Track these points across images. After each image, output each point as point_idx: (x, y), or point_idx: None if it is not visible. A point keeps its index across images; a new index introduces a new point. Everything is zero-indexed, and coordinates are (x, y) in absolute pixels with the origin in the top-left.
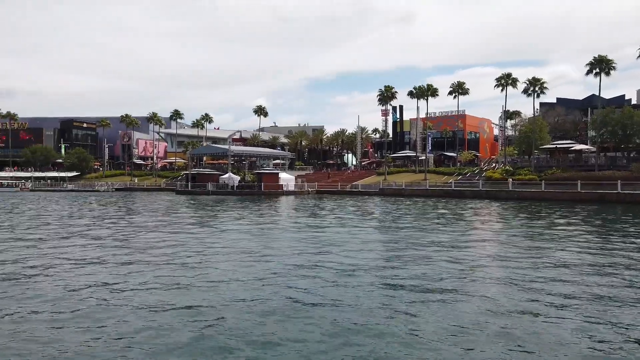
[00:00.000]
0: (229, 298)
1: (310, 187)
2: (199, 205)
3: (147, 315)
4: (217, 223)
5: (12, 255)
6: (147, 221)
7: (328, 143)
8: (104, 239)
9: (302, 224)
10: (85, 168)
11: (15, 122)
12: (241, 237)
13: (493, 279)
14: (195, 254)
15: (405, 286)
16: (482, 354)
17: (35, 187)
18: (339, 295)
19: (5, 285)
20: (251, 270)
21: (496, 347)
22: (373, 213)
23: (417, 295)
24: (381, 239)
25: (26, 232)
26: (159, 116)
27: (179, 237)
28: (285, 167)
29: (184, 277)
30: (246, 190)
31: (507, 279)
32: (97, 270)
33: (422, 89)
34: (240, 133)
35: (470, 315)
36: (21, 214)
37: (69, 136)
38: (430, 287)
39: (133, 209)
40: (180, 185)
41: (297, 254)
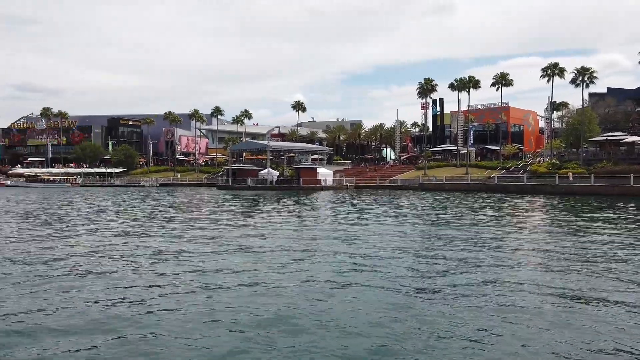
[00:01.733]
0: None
1: (349, 182)
2: (245, 200)
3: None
4: (270, 216)
5: (121, 247)
6: (217, 217)
7: (366, 137)
8: (166, 235)
9: (344, 218)
10: (131, 164)
11: (66, 121)
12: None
13: (546, 286)
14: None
15: (444, 290)
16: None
17: (85, 182)
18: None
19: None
20: (296, 268)
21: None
22: (414, 208)
23: (459, 300)
24: (423, 235)
25: (125, 225)
26: (200, 113)
27: (234, 232)
28: (324, 162)
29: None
30: (285, 185)
31: (557, 282)
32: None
33: (464, 81)
34: (279, 128)
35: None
36: (106, 210)
37: (115, 133)
38: (476, 292)
39: (192, 205)
40: (221, 181)
41: (339, 248)
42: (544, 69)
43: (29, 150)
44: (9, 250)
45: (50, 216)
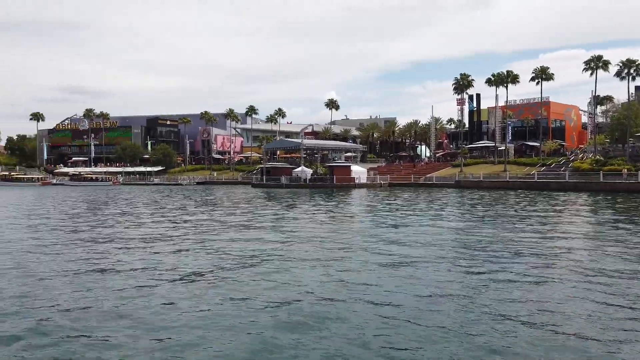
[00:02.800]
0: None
1: (383, 180)
2: (279, 198)
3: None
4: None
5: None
6: (253, 215)
7: (400, 135)
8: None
9: (379, 217)
10: (169, 163)
11: (108, 121)
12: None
13: (588, 289)
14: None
15: (486, 292)
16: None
17: (126, 181)
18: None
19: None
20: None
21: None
22: (451, 206)
23: (501, 305)
24: (462, 234)
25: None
26: (235, 112)
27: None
28: (357, 160)
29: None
30: (319, 183)
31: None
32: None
33: (502, 76)
34: (312, 127)
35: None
36: (166, 209)
37: (154, 133)
38: (516, 297)
39: (234, 203)
40: (255, 179)
41: (375, 248)
42: (587, 62)
43: (73, 150)
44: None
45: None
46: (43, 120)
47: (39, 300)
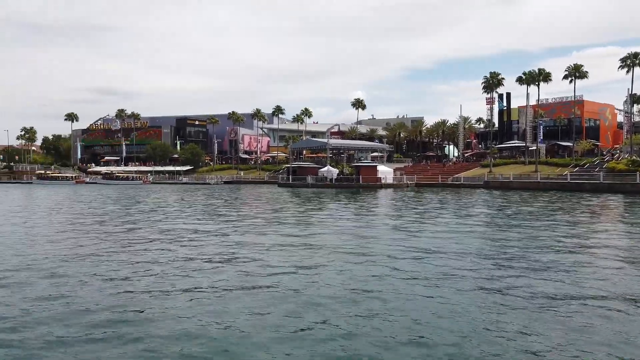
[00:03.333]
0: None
1: (409, 180)
2: (305, 198)
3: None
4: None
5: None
6: (280, 214)
7: (428, 134)
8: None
9: (405, 217)
10: (197, 162)
11: (139, 122)
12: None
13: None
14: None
15: (515, 298)
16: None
17: (155, 180)
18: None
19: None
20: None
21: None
22: (480, 206)
23: (530, 312)
24: (491, 237)
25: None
26: (262, 112)
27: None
28: (384, 160)
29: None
30: (344, 183)
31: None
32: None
33: (533, 74)
34: (339, 126)
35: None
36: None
37: (183, 133)
38: (548, 304)
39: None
40: (281, 179)
41: (400, 249)
42: (623, 59)
43: (105, 149)
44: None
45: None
46: (77, 121)
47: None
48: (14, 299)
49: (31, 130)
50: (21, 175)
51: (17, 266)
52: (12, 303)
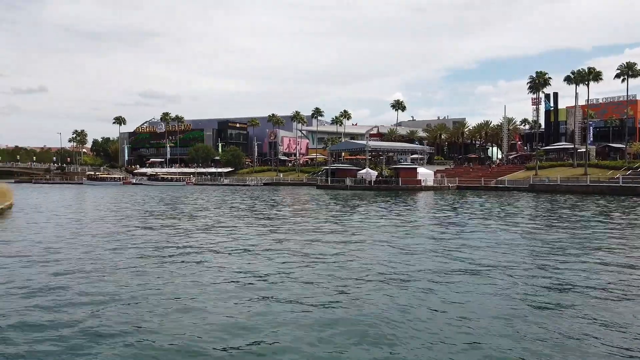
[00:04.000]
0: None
1: (451, 183)
2: (344, 200)
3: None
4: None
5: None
6: (319, 215)
7: (470, 136)
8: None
9: (446, 221)
10: (238, 164)
11: (182, 124)
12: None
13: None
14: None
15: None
16: None
17: (198, 181)
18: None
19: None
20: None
21: None
22: (526, 210)
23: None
24: (540, 244)
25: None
26: (301, 114)
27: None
28: (424, 162)
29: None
30: (383, 186)
31: None
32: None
33: (582, 73)
34: (378, 128)
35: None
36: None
37: (224, 135)
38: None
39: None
40: (320, 181)
41: (440, 254)
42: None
43: (151, 151)
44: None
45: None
46: (124, 124)
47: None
48: (100, 279)
49: (82, 133)
50: (73, 176)
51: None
52: (103, 281)
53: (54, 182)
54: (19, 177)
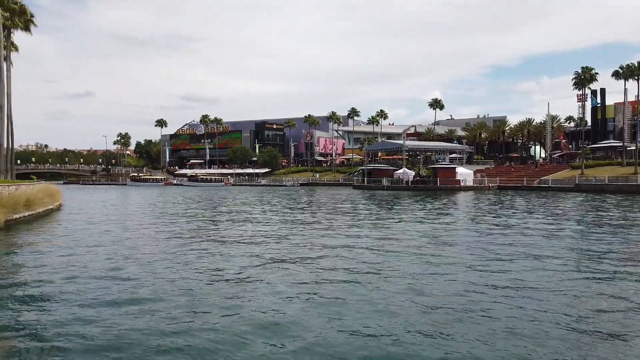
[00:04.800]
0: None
1: (491, 182)
2: (380, 200)
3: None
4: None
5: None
6: (356, 216)
7: (511, 135)
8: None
9: (486, 222)
10: (275, 165)
11: (221, 126)
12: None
13: None
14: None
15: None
16: None
17: (236, 182)
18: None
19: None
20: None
21: None
22: (573, 212)
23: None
24: (593, 251)
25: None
26: (337, 115)
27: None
28: (463, 162)
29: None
30: (421, 186)
31: None
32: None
33: (632, 68)
34: (415, 127)
35: None
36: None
37: (261, 137)
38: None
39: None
40: (356, 181)
41: (478, 259)
42: None
43: (191, 153)
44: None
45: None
46: (166, 126)
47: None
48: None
49: (126, 136)
50: (117, 177)
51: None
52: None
53: (100, 183)
54: (67, 179)
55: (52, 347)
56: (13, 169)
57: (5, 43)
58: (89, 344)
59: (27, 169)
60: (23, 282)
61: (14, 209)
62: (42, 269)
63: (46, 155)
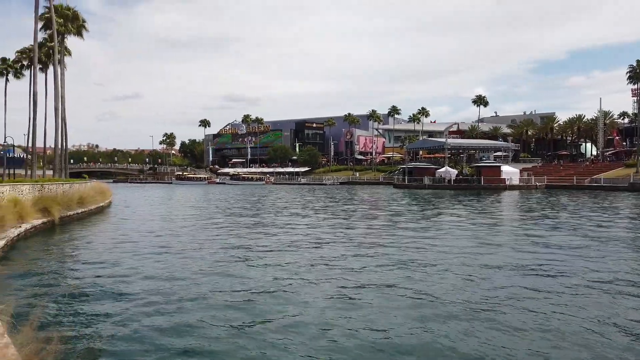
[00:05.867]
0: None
1: (538, 182)
2: (422, 199)
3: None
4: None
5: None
6: (397, 217)
7: (560, 132)
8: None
9: (533, 224)
10: (314, 164)
11: (262, 126)
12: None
13: None
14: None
15: None
16: None
17: (276, 180)
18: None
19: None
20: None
21: None
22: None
23: None
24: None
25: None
26: (378, 113)
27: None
28: (508, 160)
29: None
30: (464, 185)
31: None
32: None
33: None
34: (458, 125)
35: None
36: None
37: (301, 136)
38: None
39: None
40: (397, 179)
41: (526, 266)
42: None
43: (232, 152)
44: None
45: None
46: (209, 126)
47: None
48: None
49: (171, 136)
50: (163, 176)
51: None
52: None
53: (147, 182)
54: (116, 177)
55: (112, 337)
56: (67, 168)
57: (59, 48)
58: (155, 333)
59: (80, 168)
60: (74, 275)
61: (68, 206)
62: (91, 265)
63: (97, 155)
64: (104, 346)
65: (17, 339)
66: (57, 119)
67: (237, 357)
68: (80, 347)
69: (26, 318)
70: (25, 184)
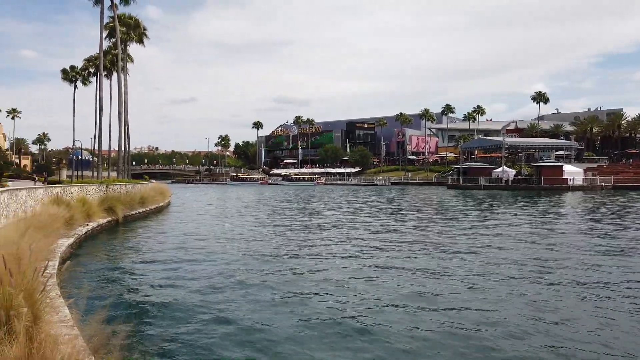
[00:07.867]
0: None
1: (605, 182)
2: (477, 200)
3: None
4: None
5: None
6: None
7: (629, 129)
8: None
9: (602, 231)
10: (365, 164)
11: (313, 127)
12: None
13: None
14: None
15: None
16: None
17: (328, 181)
18: None
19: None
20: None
21: None
22: None
23: None
24: None
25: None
26: (431, 112)
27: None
28: (571, 159)
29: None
30: (522, 185)
31: None
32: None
33: None
34: (516, 123)
35: None
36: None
37: (352, 136)
38: None
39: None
40: (451, 180)
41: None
42: None
43: (284, 153)
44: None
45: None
46: (262, 128)
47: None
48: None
49: (226, 138)
50: (218, 177)
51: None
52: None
53: (203, 182)
54: (175, 178)
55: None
56: (129, 169)
57: (122, 55)
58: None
59: (141, 170)
60: (139, 272)
61: (130, 206)
62: (155, 263)
63: (157, 157)
64: (168, 343)
65: (85, 331)
66: (121, 123)
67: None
68: (145, 342)
69: (94, 311)
70: (92, 185)
